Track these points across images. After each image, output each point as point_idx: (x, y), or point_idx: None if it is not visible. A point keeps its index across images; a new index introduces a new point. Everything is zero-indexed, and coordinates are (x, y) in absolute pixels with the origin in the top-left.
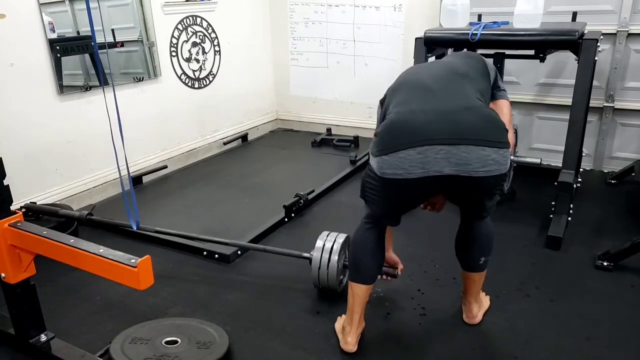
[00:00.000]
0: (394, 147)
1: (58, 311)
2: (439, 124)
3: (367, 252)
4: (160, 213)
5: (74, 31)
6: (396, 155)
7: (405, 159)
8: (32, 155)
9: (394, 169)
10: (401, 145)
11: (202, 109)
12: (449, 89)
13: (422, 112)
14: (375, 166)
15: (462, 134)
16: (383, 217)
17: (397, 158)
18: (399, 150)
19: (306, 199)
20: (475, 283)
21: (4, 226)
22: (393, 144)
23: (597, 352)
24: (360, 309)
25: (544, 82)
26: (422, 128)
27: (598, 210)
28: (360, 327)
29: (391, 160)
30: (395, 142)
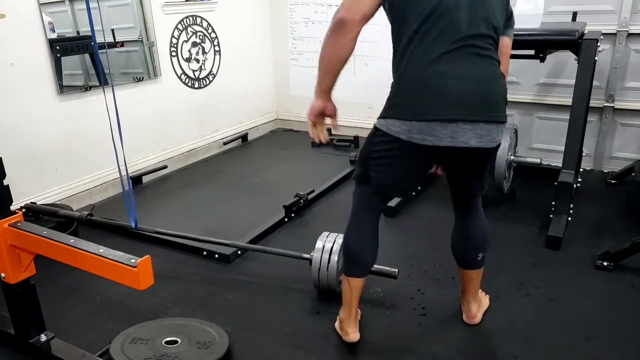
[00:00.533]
0: (429, 115)
1: (58, 311)
2: (473, 97)
3: (366, 245)
4: (160, 213)
5: (74, 31)
6: (430, 123)
7: (437, 127)
8: (32, 155)
9: (424, 134)
10: (437, 115)
11: (202, 109)
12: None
13: (455, 78)
14: (399, 129)
15: (490, 112)
16: (394, 189)
17: (430, 126)
18: (435, 121)
19: (306, 199)
20: (474, 280)
21: (4, 226)
22: (428, 112)
23: (597, 352)
24: (357, 301)
25: (544, 82)
26: (457, 99)
27: (598, 210)
28: (358, 317)
29: (423, 127)
30: (430, 110)
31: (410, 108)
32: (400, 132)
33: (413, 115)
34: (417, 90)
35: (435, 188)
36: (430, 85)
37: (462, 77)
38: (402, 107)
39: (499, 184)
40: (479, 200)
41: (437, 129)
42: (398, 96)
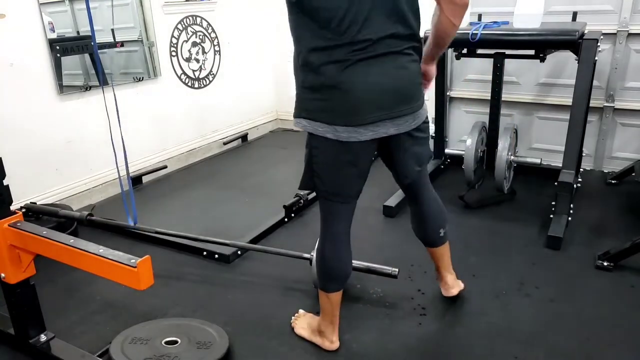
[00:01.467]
0: (352, 123)
1: (58, 311)
2: (389, 98)
3: (341, 259)
4: (160, 213)
5: (74, 31)
6: (353, 128)
7: (361, 129)
8: (32, 155)
9: (349, 133)
10: (357, 121)
11: (202, 109)
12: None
13: (373, 84)
14: (330, 134)
15: (404, 106)
16: (340, 194)
17: (354, 130)
18: (356, 126)
19: (306, 199)
20: (444, 256)
21: (4, 226)
22: (351, 121)
23: (597, 352)
24: (338, 311)
25: (544, 82)
26: (375, 105)
27: (598, 210)
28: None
29: (349, 130)
30: (353, 119)
31: (337, 116)
32: (331, 133)
33: (337, 123)
34: (339, 100)
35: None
36: (352, 98)
37: (378, 84)
38: (325, 110)
39: (499, 184)
40: (426, 180)
41: (360, 129)
42: (322, 100)
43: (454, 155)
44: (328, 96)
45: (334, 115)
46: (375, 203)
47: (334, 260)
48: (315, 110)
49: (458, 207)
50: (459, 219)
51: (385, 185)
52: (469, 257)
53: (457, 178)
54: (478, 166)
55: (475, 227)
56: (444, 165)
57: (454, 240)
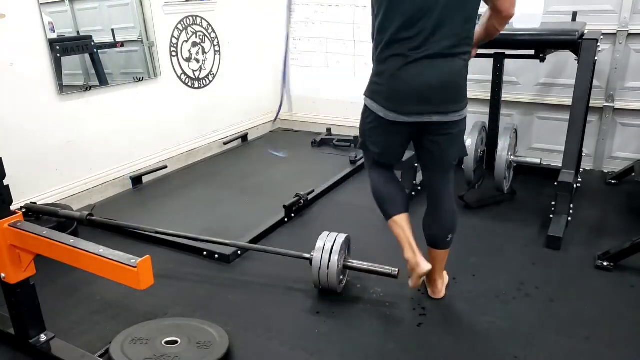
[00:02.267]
0: (402, 110)
1: (58, 311)
2: (436, 96)
3: (391, 185)
4: (160, 213)
5: (74, 31)
6: (403, 114)
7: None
8: (32, 155)
9: (397, 114)
10: (407, 110)
11: (202, 109)
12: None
13: (423, 83)
14: (382, 113)
15: (449, 105)
16: (384, 155)
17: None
18: (407, 114)
19: (306, 199)
20: (442, 260)
21: (4, 226)
22: (401, 109)
23: (597, 352)
24: (411, 234)
25: (544, 82)
26: (423, 98)
27: (598, 210)
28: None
29: (390, 113)
30: (403, 107)
31: (390, 102)
32: (383, 114)
33: (391, 108)
34: (394, 89)
35: None
36: (405, 89)
37: (428, 82)
38: (381, 95)
39: (499, 184)
40: (450, 184)
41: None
42: (380, 84)
43: None
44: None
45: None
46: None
47: (380, 189)
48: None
49: (458, 207)
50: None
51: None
52: (469, 257)
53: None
54: (478, 166)
55: (475, 227)
56: None
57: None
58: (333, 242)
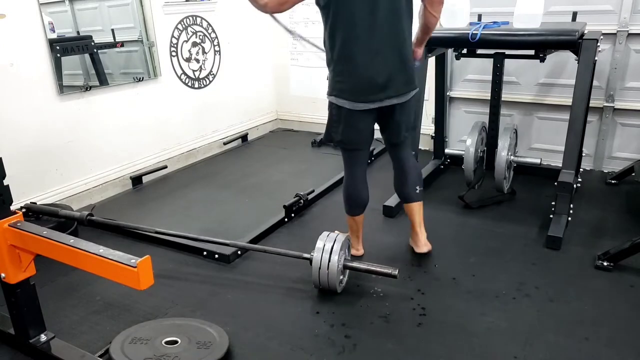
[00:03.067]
0: (362, 99)
1: (58, 311)
2: (391, 84)
3: (359, 190)
4: (160, 213)
5: (74, 31)
6: (362, 103)
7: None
8: (32, 155)
9: (358, 104)
10: (366, 99)
11: (202, 109)
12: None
13: (376, 75)
14: (347, 105)
15: (401, 89)
16: (355, 143)
17: (362, 103)
18: (365, 102)
19: (306, 199)
20: (418, 212)
21: (4, 226)
22: (361, 98)
23: (597, 352)
24: (361, 228)
25: (544, 82)
26: (379, 88)
27: (598, 210)
28: (361, 238)
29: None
30: (362, 97)
31: (351, 95)
32: (348, 105)
33: (352, 99)
34: (353, 84)
35: (435, 189)
36: (360, 84)
37: (381, 73)
38: (343, 91)
39: (499, 184)
40: (408, 146)
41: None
42: (341, 82)
43: (454, 155)
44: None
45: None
46: (376, 203)
47: (352, 191)
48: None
49: (458, 207)
50: (459, 219)
51: (385, 186)
52: (469, 257)
53: (457, 178)
54: (478, 166)
55: (475, 227)
56: (444, 165)
57: (454, 240)
58: (333, 242)
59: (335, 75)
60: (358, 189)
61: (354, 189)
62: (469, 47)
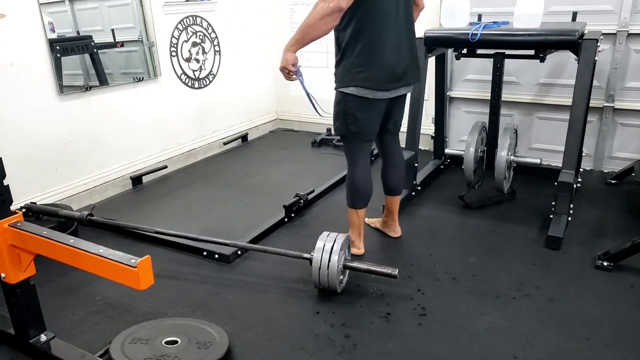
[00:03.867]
0: (384, 88)
1: (58, 311)
2: (406, 75)
3: (368, 183)
4: (160, 213)
5: (74, 31)
6: (382, 92)
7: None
8: (32, 155)
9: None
10: (388, 87)
11: (202, 109)
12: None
13: (397, 65)
14: (369, 95)
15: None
16: (369, 133)
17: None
18: (386, 91)
19: (306, 199)
20: (397, 204)
21: (4, 226)
22: (384, 86)
23: (597, 352)
24: (363, 224)
25: (544, 82)
26: (397, 78)
27: (598, 210)
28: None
29: (378, 93)
30: (384, 86)
31: (373, 83)
32: (369, 95)
33: (374, 87)
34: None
35: (435, 189)
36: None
37: (400, 65)
38: (365, 79)
39: (499, 184)
40: (398, 142)
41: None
42: (364, 71)
43: (454, 155)
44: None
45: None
46: (376, 204)
47: (362, 182)
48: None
49: (458, 207)
50: (459, 219)
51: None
52: (469, 257)
53: (457, 178)
54: (478, 166)
55: (475, 227)
56: (444, 165)
57: (454, 240)
58: (333, 242)
59: (354, 67)
60: (368, 180)
61: (364, 179)
62: (469, 47)
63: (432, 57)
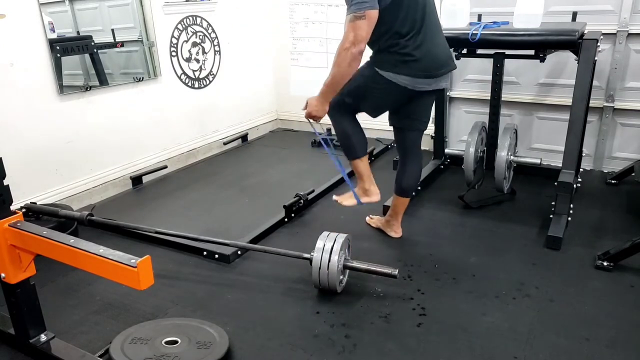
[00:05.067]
0: (426, 76)
1: (58, 311)
2: (441, 65)
3: (360, 132)
4: (160, 213)
5: (74, 31)
6: (420, 79)
7: (423, 81)
8: (32, 155)
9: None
10: (430, 76)
11: (202, 109)
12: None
13: (434, 56)
14: (404, 81)
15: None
16: (373, 112)
17: (420, 80)
18: (428, 79)
19: (306, 199)
20: (405, 206)
21: (4, 226)
22: (427, 74)
23: (597, 352)
24: (370, 170)
25: (544, 82)
26: (435, 69)
27: (598, 210)
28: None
29: (416, 80)
30: (427, 74)
31: (412, 69)
32: (407, 82)
33: (413, 74)
34: (416, 63)
35: (435, 189)
36: (422, 60)
37: (437, 55)
38: (401, 65)
39: (499, 184)
40: (420, 144)
41: (423, 82)
42: (405, 62)
43: (454, 155)
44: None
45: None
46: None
47: (357, 135)
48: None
49: (458, 207)
50: (459, 219)
51: (385, 187)
52: (469, 257)
53: (457, 178)
54: (478, 166)
55: (475, 227)
56: (444, 165)
57: (454, 240)
58: (333, 242)
59: (401, 56)
60: (358, 126)
61: (355, 125)
62: (469, 47)
63: None
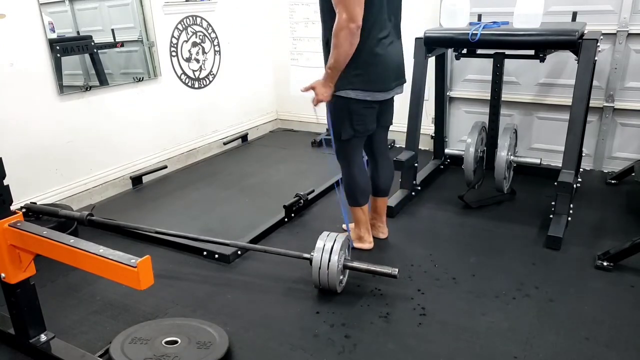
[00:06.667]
0: (381, 89)
1: (58, 311)
2: (400, 73)
3: (367, 180)
4: (160, 213)
5: (74, 31)
6: (381, 93)
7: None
8: (32, 155)
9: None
10: (385, 88)
11: (202, 109)
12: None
13: (392, 64)
14: (369, 97)
15: (402, 77)
16: (372, 128)
17: (381, 94)
18: (384, 92)
19: (306, 199)
20: (384, 206)
21: (4, 226)
22: (382, 87)
23: (597, 352)
24: (368, 218)
25: (544, 82)
26: (393, 77)
27: (598, 210)
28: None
29: (377, 94)
30: (382, 87)
31: (373, 85)
32: (369, 97)
33: (375, 90)
34: (374, 75)
35: (435, 189)
36: (379, 74)
37: (395, 67)
38: (365, 82)
39: (499, 184)
40: (387, 140)
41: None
42: (363, 75)
43: (454, 155)
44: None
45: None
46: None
47: (362, 178)
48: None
49: (458, 207)
50: (459, 219)
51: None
52: (469, 257)
53: (457, 178)
54: (478, 166)
55: (475, 227)
56: (444, 165)
57: (454, 240)
58: (333, 242)
59: (352, 70)
60: (366, 174)
61: (363, 175)
62: (469, 47)
63: (432, 57)
